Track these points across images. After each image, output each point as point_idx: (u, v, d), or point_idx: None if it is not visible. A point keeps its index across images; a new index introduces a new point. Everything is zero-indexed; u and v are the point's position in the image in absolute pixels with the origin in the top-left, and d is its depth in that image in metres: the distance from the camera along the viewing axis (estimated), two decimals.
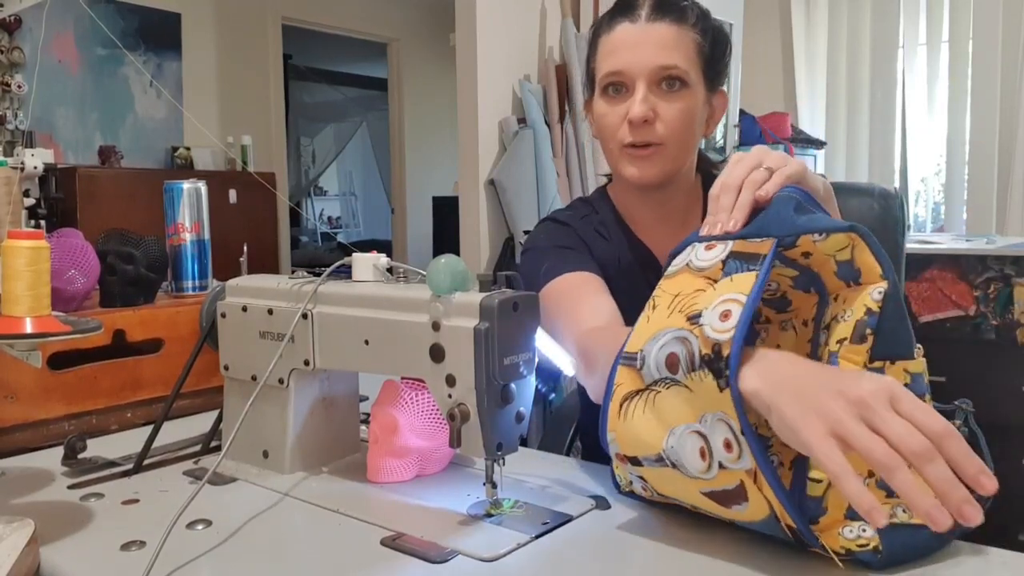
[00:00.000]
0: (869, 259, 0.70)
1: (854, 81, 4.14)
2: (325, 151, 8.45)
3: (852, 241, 0.70)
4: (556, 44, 3.18)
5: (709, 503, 0.69)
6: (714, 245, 0.74)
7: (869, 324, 0.68)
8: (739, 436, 0.63)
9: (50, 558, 0.70)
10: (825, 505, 0.67)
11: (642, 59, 0.97)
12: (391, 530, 0.74)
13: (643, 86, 0.97)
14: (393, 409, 0.87)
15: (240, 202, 4.14)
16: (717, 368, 0.64)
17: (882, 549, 0.65)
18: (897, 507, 0.66)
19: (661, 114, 0.97)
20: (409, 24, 6.24)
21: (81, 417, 1.09)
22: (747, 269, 0.69)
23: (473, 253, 3.01)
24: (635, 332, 0.74)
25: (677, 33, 0.98)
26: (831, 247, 0.71)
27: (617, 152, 1.02)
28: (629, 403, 0.72)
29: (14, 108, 3.91)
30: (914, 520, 0.64)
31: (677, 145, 1.00)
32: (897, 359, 0.68)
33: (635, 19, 0.98)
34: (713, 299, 0.68)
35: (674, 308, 0.72)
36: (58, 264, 1.09)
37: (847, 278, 0.71)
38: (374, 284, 0.84)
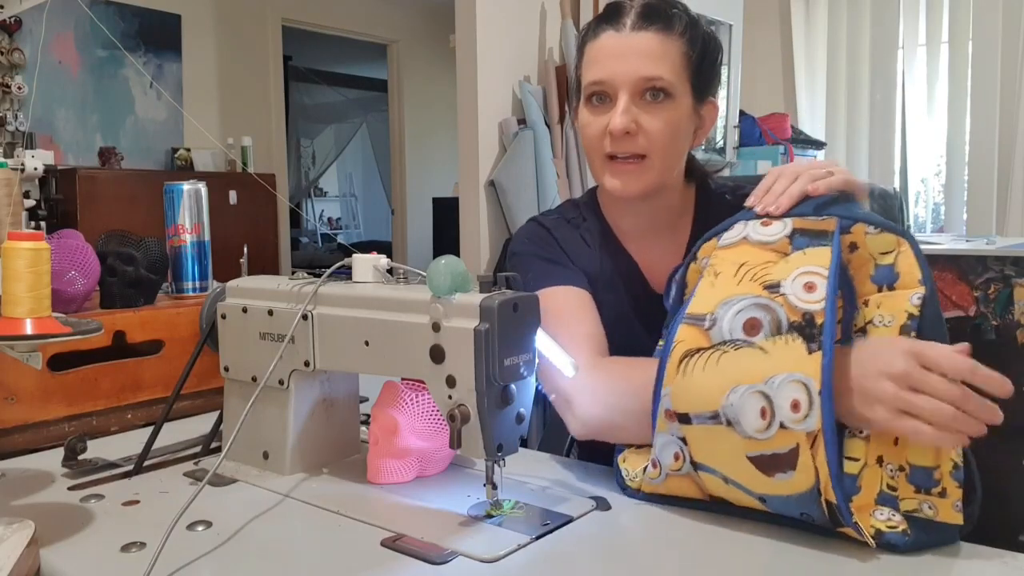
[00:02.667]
0: (912, 265, 0.73)
1: (854, 82, 4.14)
2: (325, 152, 8.45)
3: (900, 246, 0.73)
4: (556, 45, 3.18)
5: (749, 470, 0.70)
6: (770, 222, 0.79)
7: (912, 328, 0.71)
8: (814, 397, 0.67)
9: (50, 559, 0.70)
10: (860, 484, 0.69)
11: (625, 69, 0.94)
12: (391, 531, 0.74)
13: (625, 97, 0.94)
14: (393, 410, 0.87)
15: (240, 203, 4.14)
16: (809, 333, 0.69)
17: (911, 532, 0.67)
18: (923, 503, 0.68)
19: (644, 126, 0.95)
20: (409, 25, 6.25)
21: (81, 418, 1.10)
22: (819, 244, 0.74)
23: (473, 254, 3.00)
24: (699, 295, 0.78)
25: (663, 43, 0.95)
26: (879, 246, 0.74)
27: (599, 164, 1.00)
28: (690, 360, 0.75)
29: (14, 109, 3.91)
30: (938, 518, 0.67)
31: (661, 157, 0.97)
32: None
33: (620, 27, 0.96)
34: (790, 271, 0.73)
35: (743, 277, 0.76)
36: (58, 265, 1.09)
37: (882, 282, 0.74)
38: (374, 285, 0.84)
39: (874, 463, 0.70)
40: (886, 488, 0.70)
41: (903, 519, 0.68)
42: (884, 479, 0.70)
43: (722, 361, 0.73)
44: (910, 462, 0.69)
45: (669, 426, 0.77)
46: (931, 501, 0.68)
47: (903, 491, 0.69)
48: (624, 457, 0.86)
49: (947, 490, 0.67)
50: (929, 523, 0.68)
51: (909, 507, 0.68)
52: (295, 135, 7.62)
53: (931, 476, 0.68)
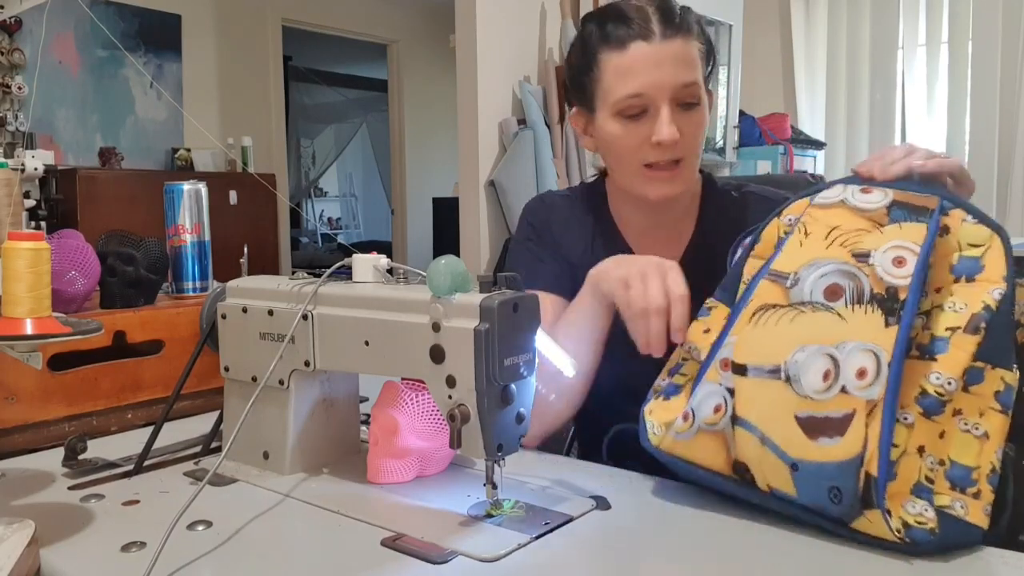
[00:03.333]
0: (999, 260, 0.72)
1: (854, 82, 4.14)
2: (325, 152, 8.45)
3: (992, 241, 0.72)
4: (556, 45, 3.18)
5: (793, 430, 0.70)
6: (871, 190, 0.79)
7: (983, 319, 0.69)
8: (883, 367, 0.68)
9: (50, 559, 0.70)
10: (896, 471, 0.68)
11: (664, 80, 0.95)
12: (391, 531, 0.74)
13: (667, 108, 0.95)
14: (393, 410, 0.87)
15: (240, 203, 4.14)
16: (890, 307, 0.70)
17: (938, 532, 0.66)
18: (956, 501, 0.67)
19: (682, 131, 0.96)
20: (409, 25, 6.25)
21: (81, 418, 1.10)
22: (915, 220, 0.74)
23: (473, 254, 3.01)
24: (786, 253, 0.79)
25: (688, 47, 0.96)
26: (971, 236, 0.73)
27: (634, 172, 1.00)
28: (764, 313, 0.76)
29: (14, 110, 3.91)
30: (969, 518, 0.67)
31: (693, 159, 1.01)
32: (997, 366, 0.69)
33: (649, 37, 0.95)
34: (882, 242, 0.74)
35: (833, 240, 0.77)
36: (58, 265, 1.09)
37: (963, 273, 0.73)
38: (374, 285, 0.84)
39: (914, 451, 0.69)
40: (924, 480, 0.68)
41: (935, 516, 0.67)
42: (923, 470, 0.69)
43: (797, 320, 0.74)
44: (952, 458, 0.68)
45: (721, 376, 0.77)
46: (964, 500, 0.67)
47: (939, 485, 0.68)
48: (651, 409, 0.84)
49: (982, 492, 0.67)
50: (957, 522, 0.67)
51: (942, 502, 0.68)
52: (295, 135, 7.63)
53: (970, 475, 0.67)
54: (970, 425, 0.68)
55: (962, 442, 0.68)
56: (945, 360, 0.70)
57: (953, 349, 0.70)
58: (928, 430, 0.69)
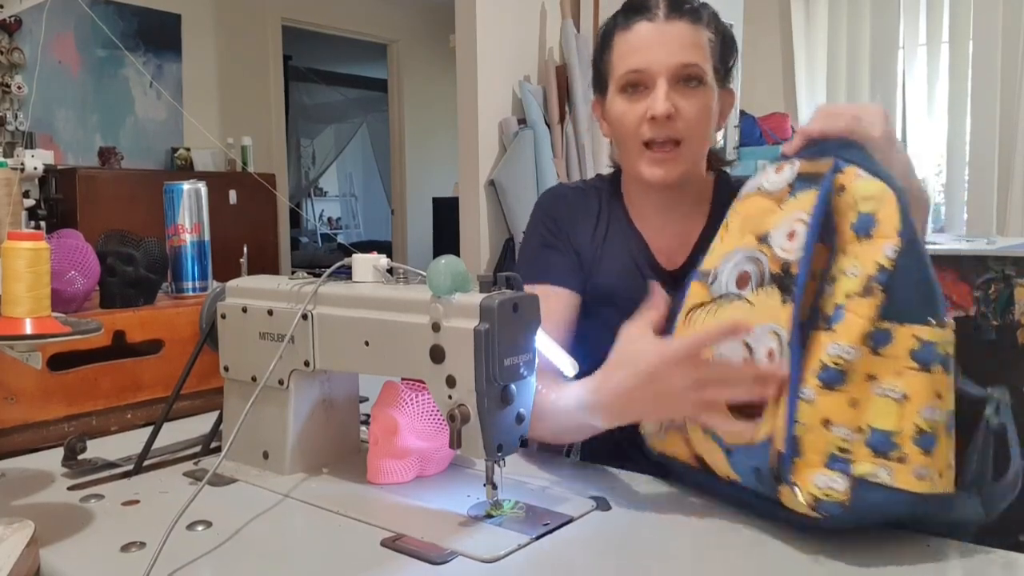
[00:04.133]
0: (892, 214, 0.68)
1: (854, 81, 4.14)
2: (325, 152, 8.45)
3: (883, 195, 0.69)
4: (556, 45, 3.18)
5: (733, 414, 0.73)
6: (782, 167, 0.78)
7: (878, 279, 0.67)
8: (784, 346, 0.69)
9: (50, 559, 0.70)
10: (801, 447, 0.68)
11: (663, 56, 0.97)
12: (391, 531, 0.74)
13: (664, 83, 0.97)
14: (393, 410, 0.87)
15: (240, 203, 4.13)
16: (785, 284, 0.71)
17: (849, 504, 0.65)
18: (880, 468, 0.65)
19: (681, 111, 0.97)
20: (409, 25, 6.24)
21: (81, 418, 1.09)
22: (809, 187, 0.73)
23: (473, 254, 3.00)
24: (711, 252, 0.82)
25: (694, 32, 0.99)
26: (862, 190, 0.71)
27: (636, 152, 1.01)
28: (694, 312, 0.80)
29: (14, 109, 3.91)
30: (897, 483, 0.65)
31: (696, 142, 1.01)
32: (908, 322, 0.66)
33: (653, 18, 0.99)
34: (780, 219, 0.74)
35: (746, 229, 0.78)
36: (58, 265, 1.09)
37: (861, 231, 0.71)
38: (374, 285, 0.84)
39: (818, 425, 0.68)
40: (836, 451, 0.67)
41: (846, 487, 0.65)
42: (833, 442, 0.67)
43: (718, 314, 0.77)
44: (871, 424, 0.66)
45: None
46: (889, 466, 0.65)
47: (858, 453, 0.66)
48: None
49: (908, 456, 0.65)
50: (879, 490, 0.65)
51: (864, 470, 0.66)
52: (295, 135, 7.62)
53: (890, 439, 0.65)
54: (887, 389, 0.66)
55: (880, 407, 0.66)
56: (841, 328, 0.68)
57: (848, 315, 0.68)
58: (832, 402, 0.67)
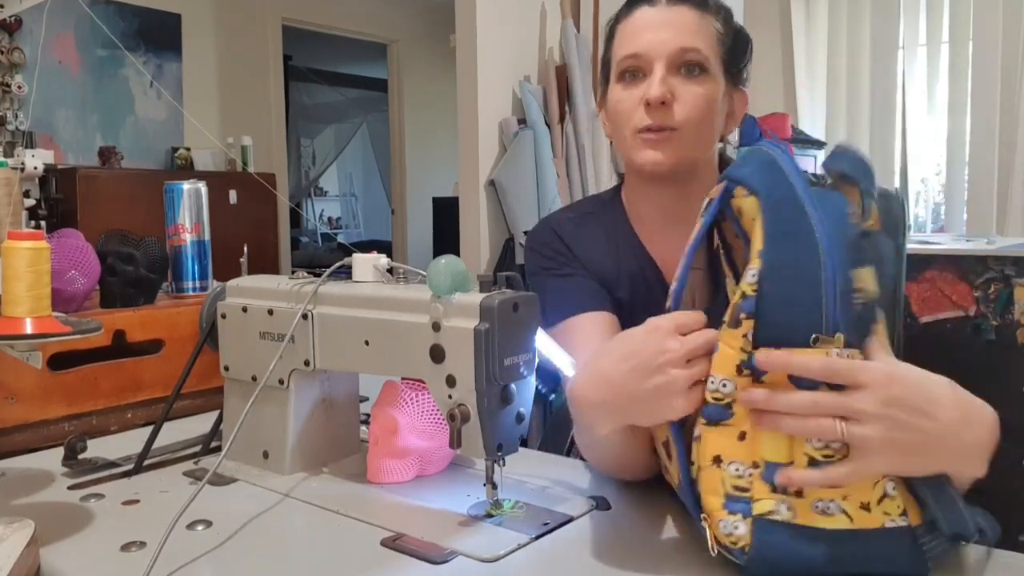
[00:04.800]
0: (757, 235, 0.63)
1: (854, 81, 4.14)
2: (325, 152, 8.45)
3: (755, 212, 0.64)
4: (556, 44, 3.18)
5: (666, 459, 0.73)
6: None
7: (743, 309, 0.62)
8: None
9: (50, 559, 0.70)
10: (698, 490, 0.65)
11: (661, 40, 0.94)
12: (391, 531, 0.74)
13: (662, 68, 0.93)
14: (393, 410, 0.87)
15: (240, 203, 4.13)
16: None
17: (750, 550, 0.61)
18: (781, 504, 0.60)
19: (679, 96, 0.93)
20: (409, 25, 6.24)
21: (81, 418, 1.10)
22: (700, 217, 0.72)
23: (473, 254, 3.00)
24: None
25: (698, 18, 0.95)
26: (746, 211, 0.66)
27: (631, 138, 0.97)
28: None
29: (14, 109, 3.91)
30: (796, 520, 0.60)
31: (694, 131, 0.95)
32: (784, 347, 0.61)
33: (655, 2, 0.96)
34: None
35: None
36: (58, 265, 1.09)
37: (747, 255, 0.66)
38: (374, 285, 0.84)
39: (709, 464, 0.64)
40: (732, 489, 0.63)
41: (747, 531, 0.61)
42: (728, 480, 0.63)
43: None
44: (764, 459, 0.61)
45: None
46: (788, 501, 0.60)
47: (757, 491, 0.61)
48: None
49: (803, 490, 0.60)
50: (784, 528, 0.60)
51: (764, 509, 0.61)
52: (295, 135, 7.62)
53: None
54: None
55: (770, 439, 0.61)
56: (716, 360, 0.64)
57: (721, 346, 0.64)
58: (719, 437, 0.64)
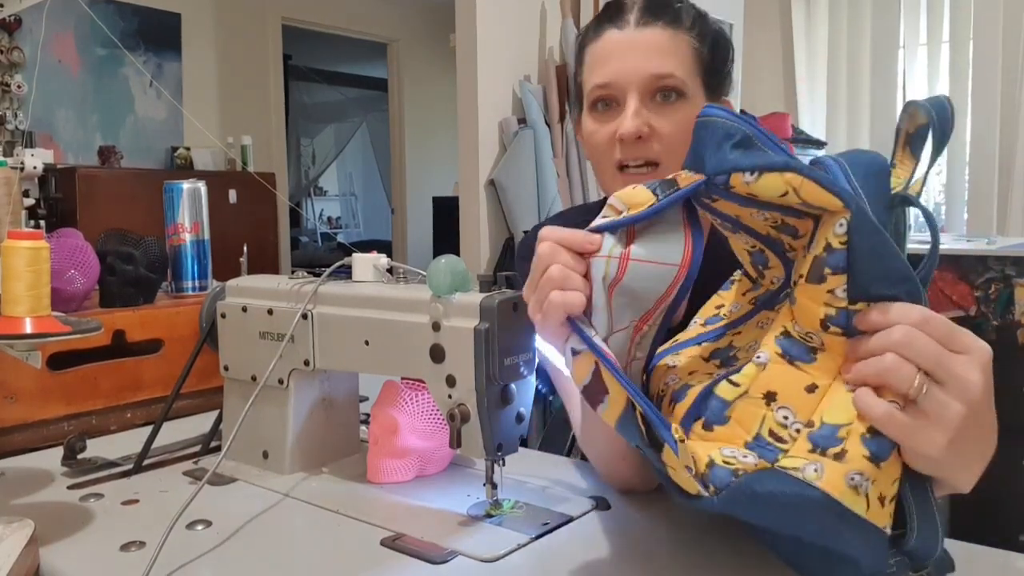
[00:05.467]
0: (819, 197, 0.56)
1: (854, 81, 4.14)
2: (325, 151, 8.45)
3: (790, 185, 0.56)
4: (556, 44, 3.18)
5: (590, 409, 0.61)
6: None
7: (828, 263, 0.56)
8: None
9: (50, 558, 0.70)
10: (728, 414, 0.58)
11: (632, 68, 0.86)
12: (391, 531, 0.74)
13: (635, 99, 0.86)
14: (393, 410, 0.87)
15: (240, 202, 4.14)
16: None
17: (744, 479, 0.54)
18: (810, 464, 0.53)
19: (656, 129, 0.86)
20: (409, 24, 6.24)
21: (81, 417, 1.09)
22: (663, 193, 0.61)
23: (473, 253, 3.00)
24: None
25: (671, 38, 0.87)
26: (767, 190, 0.57)
27: (610, 175, 0.90)
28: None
29: (14, 108, 3.91)
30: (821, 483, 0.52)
31: (676, 163, 0.84)
32: (881, 299, 0.55)
33: (623, 25, 0.88)
34: None
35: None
36: (58, 264, 1.09)
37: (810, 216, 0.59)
38: (374, 284, 0.84)
39: (759, 396, 0.57)
40: (767, 434, 0.56)
41: (754, 466, 0.55)
42: (768, 422, 0.56)
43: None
44: (823, 419, 0.55)
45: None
46: (821, 462, 0.53)
47: (795, 448, 0.55)
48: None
49: (847, 453, 0.53)
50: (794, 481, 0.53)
51: (789, 464, 0.54)
52: (295, 134, 7.62)
53: (835, 434, 0.54)
54: None
55: (843, 402, 0.55)
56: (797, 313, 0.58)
57: (802, 300, 0.57)
58: (787, 377, 0.57)
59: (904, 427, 0.52)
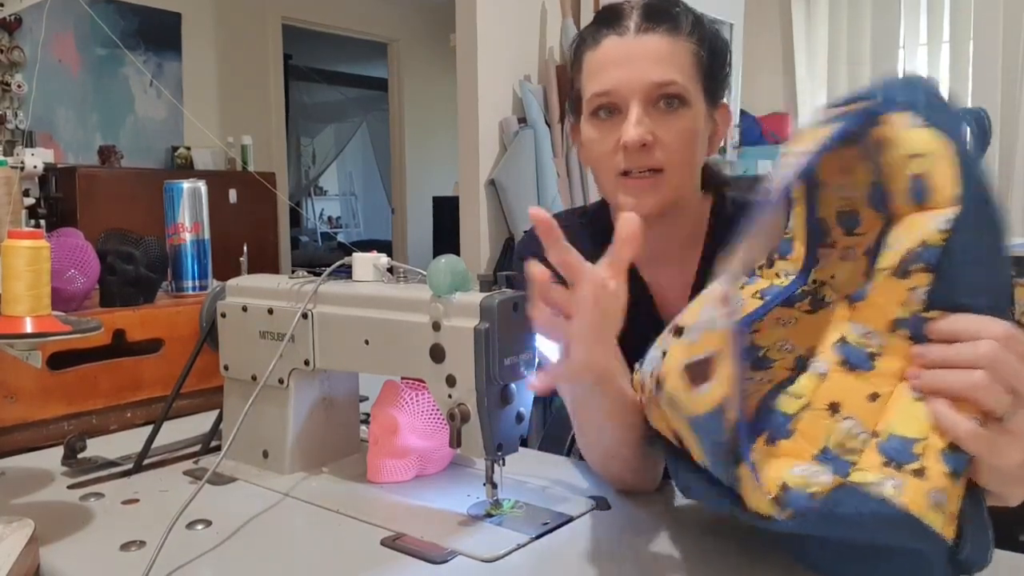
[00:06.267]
0: (946, 176, 0.53)
1: (854, 81, 4.14)
2: (325, 151, 8.45)
3: (936, 149, 0.54)
4: (556, 44, 3.18)
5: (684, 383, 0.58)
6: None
7: (922, 258, 0.53)
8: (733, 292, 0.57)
9: (50, 558, 0.70)
10: (792, 427, 0.56)
11: (634, 76, 0.86)
12: (391, 530, 0.74)
13: (637, 106, 0.86)
14: (393, 409, 0.87)
15: (240, 202, 4.13)
16: None
17: (822, 500, 0.52)
18: (888, 479, 0.52)
19: (660, 137, 0.86)
20: (409, 24, 6.24)
21: (81, 417, 1.09)
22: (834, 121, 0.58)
23: (473, 253, 3.00)
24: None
25: (671, 45, 0.87)
26: (912, 144, 0.55)
27: (612, 183, 0.90)
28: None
29: (14, 108, 3.91)
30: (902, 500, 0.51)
31: (679, 171, 0.89)
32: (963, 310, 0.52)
33: (623, 32, 0.87)
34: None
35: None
36: (58, 264, 1.09)
37: (915, 198, 0.56)
38: (374, 284, 0.84)
39: (823, 407, 0.55)
40: (834, 446, 0.54)
41: (830, 485, 0.52)
42: (836, 434, 0.54)
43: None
44: (893, 432, 0.53)
45: (664, 340, 0.65)
46: (899, 479, 0.51)
47: (866, 460, 0.53)
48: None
49: (928, 470, 0.51)
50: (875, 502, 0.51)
51: (864, 479, 0.52)
52: (295, 134, 7.62)
53: (910, 448, 0.52)
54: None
55: (909, 410, 0.53)
56: (862, 309, 0.56)
57: (877, 290, 0.55)
58: (849, 386, 0.55)
59: (989, 444, 0.51)
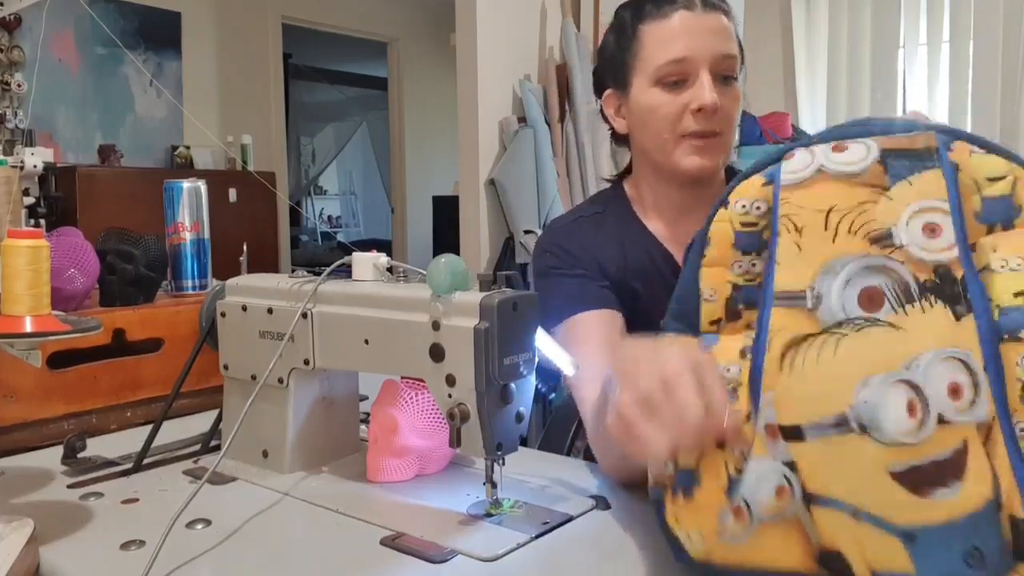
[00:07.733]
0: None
1: (854, 81, 4.14)
2: (325, 150, 8.44)
3: (1014, 172, 0.56)
4: (556, 44, 3.17)
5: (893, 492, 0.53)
6: (844, 146, 0.61)
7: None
8: (979, 375, 0.52)
9: (49, 557, 0.70)
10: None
11: (706, 47, 0.96)
12: (391, 530, 0.74)
13: (707, 74, 0.96)
14: (393, 409, 0.87)
15: (240, 201, 4.13)
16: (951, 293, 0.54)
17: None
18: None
19: (721, 104, 0.96)
20: (409, 24, 6.24)
21: (81, 416, 1.09)
22: (923, 168, 0.58)
23: (473, 253, 3.00)
24: (784, 264, 0.60)
25: (729, 25, 0.99)
26: (985, 167, 0.56)
27: (672, 143, 0.98)
28: (798, 350, 0.57)
29: (14, 107, 3.91)
30: None
31: (732, 136, 1.01)
32: None
33: (692, 7, 0.97)
34: (898, 211, 0.57)
35: (838, 228, 0.59)
36: (58, 263, 1.09)
37: (994, 219, 0.56)
38: (374, 283, 0.84)
39: None
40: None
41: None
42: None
43: (841, 348, 0.56)
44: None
45: (771, 449, 0.57)
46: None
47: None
48: (675, 517, 0.63)
49: None
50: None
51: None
52: (295, 133, 7.62)
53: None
54: None
55: None
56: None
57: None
58: None
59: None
